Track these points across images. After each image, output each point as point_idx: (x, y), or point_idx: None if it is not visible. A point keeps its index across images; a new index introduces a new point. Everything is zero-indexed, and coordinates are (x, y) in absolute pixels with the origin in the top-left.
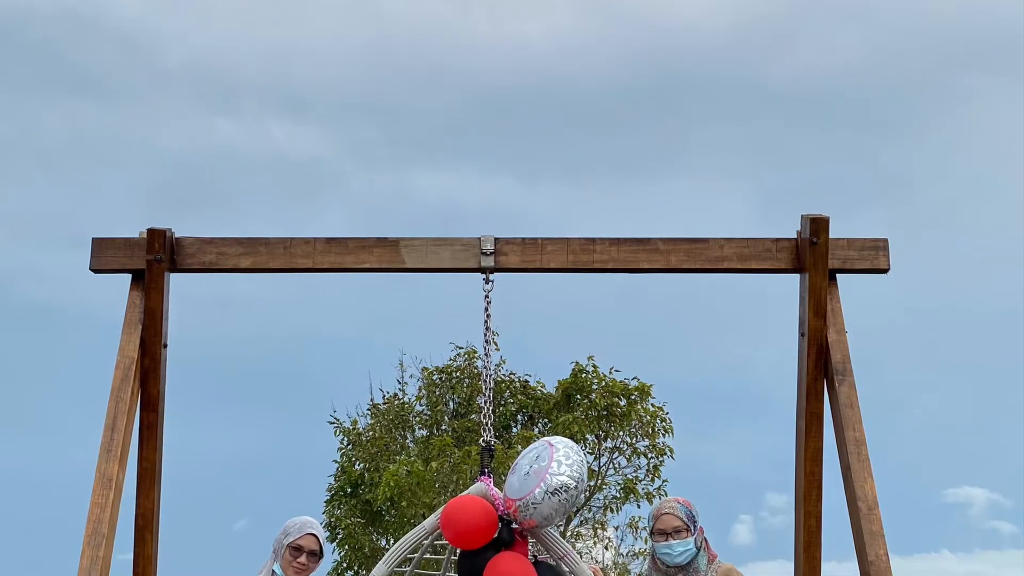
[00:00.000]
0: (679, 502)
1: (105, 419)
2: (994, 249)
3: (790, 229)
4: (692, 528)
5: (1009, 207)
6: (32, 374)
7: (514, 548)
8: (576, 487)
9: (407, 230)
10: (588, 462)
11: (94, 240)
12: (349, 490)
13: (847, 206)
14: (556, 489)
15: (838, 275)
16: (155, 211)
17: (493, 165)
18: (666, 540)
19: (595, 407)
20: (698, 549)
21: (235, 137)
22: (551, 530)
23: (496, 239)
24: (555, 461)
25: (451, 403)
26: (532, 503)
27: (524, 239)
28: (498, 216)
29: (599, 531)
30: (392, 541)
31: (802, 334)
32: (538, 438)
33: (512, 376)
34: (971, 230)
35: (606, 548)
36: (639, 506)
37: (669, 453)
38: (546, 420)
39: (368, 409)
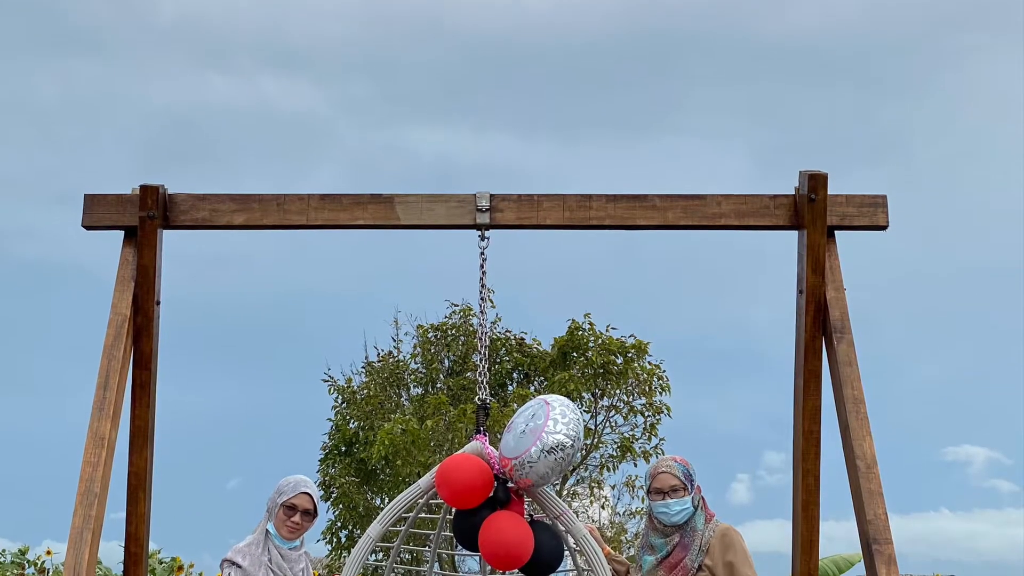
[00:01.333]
0: (676, 461)
1: (97, 377)
2: (994, 207)
3: (788, 186)
4: (689, 487)
5: (1009, 165)
6: (24, 332)
7: (510, 507)
8: (572, 445)
9: (402, 187)
10: (584, 420)
11: (86, 197)
12: (343, 449)
13: (846, 163)
14: (552, 448)
15: (836, 232)
16: (148, 168)
17: (489, 121)
18: (663, 499)
19: (591, 365)
20: (695, 508)
21: (228, 93)
22: (547, 489)
23: (492, 195)
24: (551, 419)
25: (446, 361)
26: (528, 462)
27: (520, 195)
28: (494, 172)
29: (595, 490)
30: (387, 500)
31: (800, 291)
32: (534, 396)
33: (508, 334)
34: (971, 188)
35: (602, 507)
36: (636, 465)
37: (666, 411)
38: (542, 378)
39: (362, 367)
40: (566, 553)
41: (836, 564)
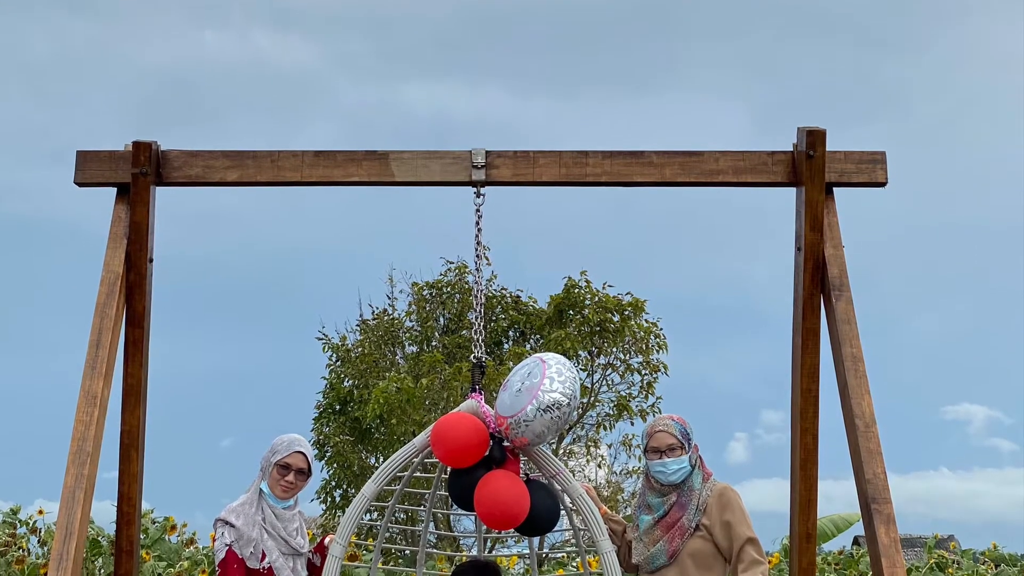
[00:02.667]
0: (673, 419)
1: (90, 335)
2: (993, 164)
3: (786, 143)
4: (687, 446)
5: (1009, 122)
6: (15, 290)
7: (505, 466)
8: (568, 404)
9: (396, 144)
10: (580, 379)
11: (79, 153)
12: (338, 407)
13: (844, 120)
14: (548, 406)
15: (835, 189)
16: (141, 125)
17: (485, 78)
18: (660, 458)
19: (588, 323)
20: (692, 467)
21: (222, 50)
22: (543, 448)
23: (487, 152)
24: (547, 378)
25: (441, 319)
26: (524, 420)
27: (516, 152)
28: (490, 129)
29: (592, 449)
30: (381, 459)
31: (798, 248)
32: (530, 354)
33: (503, 291)
34: (970, 145)
35: (599, 466)
36: (632, 423)
37: (663, 369)
38: (538, 336)
39: (357, 325)
40: (562, 512)
41: (834, 523)
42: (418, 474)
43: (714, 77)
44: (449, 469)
